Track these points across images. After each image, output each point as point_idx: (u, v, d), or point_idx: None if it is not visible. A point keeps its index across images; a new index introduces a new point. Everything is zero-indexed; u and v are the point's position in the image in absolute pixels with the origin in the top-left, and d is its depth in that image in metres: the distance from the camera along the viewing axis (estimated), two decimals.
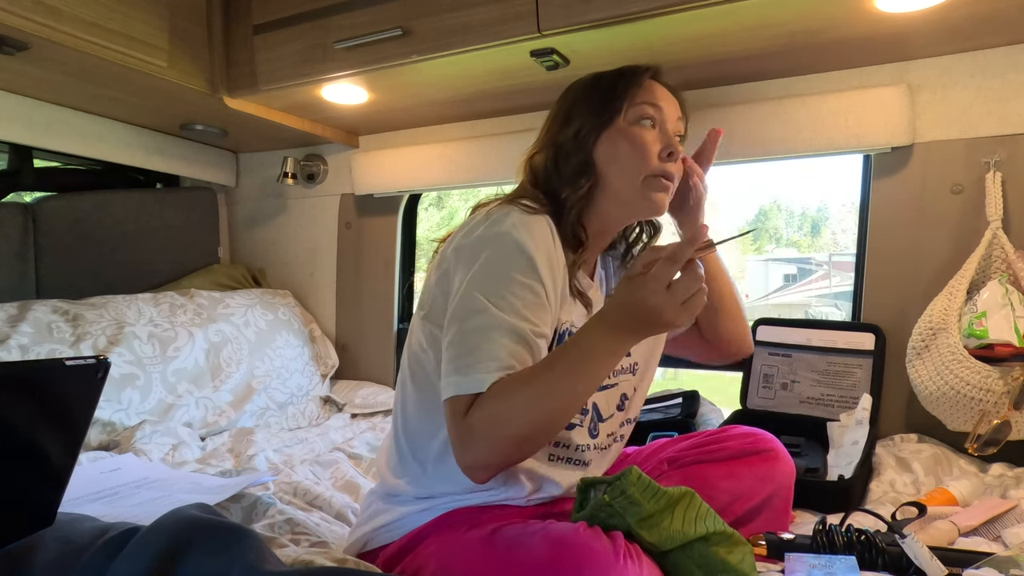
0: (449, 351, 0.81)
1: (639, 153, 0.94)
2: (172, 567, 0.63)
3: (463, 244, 0.86)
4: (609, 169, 0.95)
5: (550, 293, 0.84)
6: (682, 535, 0.71)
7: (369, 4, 1.39)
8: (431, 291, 0.90)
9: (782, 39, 1.28)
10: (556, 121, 1.00)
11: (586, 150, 0.95)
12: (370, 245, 2.04)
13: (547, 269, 0.84)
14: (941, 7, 1.13)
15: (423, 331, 0.90)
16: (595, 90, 0.98)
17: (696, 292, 0.75)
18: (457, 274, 0.85)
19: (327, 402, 1.87)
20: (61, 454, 0.71)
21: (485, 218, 0.86)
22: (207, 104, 1.66)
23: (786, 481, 1.00)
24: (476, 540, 0.77)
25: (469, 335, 0.79)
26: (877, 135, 1.36)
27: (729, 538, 0.73)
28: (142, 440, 1.39)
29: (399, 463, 0.91)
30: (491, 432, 0.75)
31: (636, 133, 0.94)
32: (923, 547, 0.79)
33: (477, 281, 0.81)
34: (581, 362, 0.77)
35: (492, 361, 0.77)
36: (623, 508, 0.70)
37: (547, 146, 0.98)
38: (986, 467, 1.20)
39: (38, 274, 1.77)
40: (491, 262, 0.82)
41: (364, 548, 0.90)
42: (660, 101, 0.96)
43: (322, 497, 1.15)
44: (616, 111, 0.95)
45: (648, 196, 0.95)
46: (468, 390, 0.77)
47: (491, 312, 0.79)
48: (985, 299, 1.19)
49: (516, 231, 0.83)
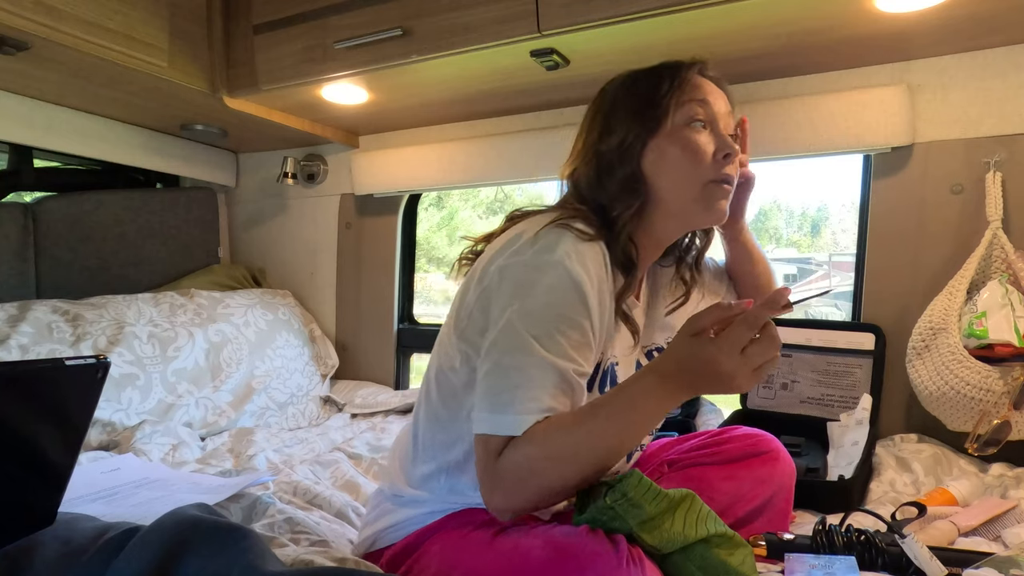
0: (486, 383, 0.76)
1: (693, 158, 0.85)
2: (172, 567, 0.63)
3: (510, 265, 0.79)
4: (661, 180, 0.86)
5: (597, 330, 0.79)
6: (683, 537, 0.71)
7: (369, 4, 1.39)
8: (469, 307, 0.83)
9: (782, 39, 1.28)
10: (595, 129, 0.90)
11: (633, 161, 0.86)
12: (370, 245, 2.04)
13: (596, 304, 0.78)
14: (941, 7, 1.13)
15: (457, 348, 0.84)
16: (635, 92, 0.89)
17: (772, 359, 0.69)
18: (500, 298, 0.78)
19: (327, 402, 1.87)
20: (61, 454, 0.71)
21: (534, 239, 0.79)
22: (207, 104, 1.66)
23: (787, 483, 1.00)
24: (480, 540, 0.77)
25: (510, 372, 0.74)
26: (877, 135, 1.36)
27: (730, 540, 0.73)
28: (142, 440, 1.39)
29: (413, 470, 0.89)
30: (523, 480, 0.72)
31: (687, 136, 0.85)
32: (923, 547, 0.79)
33: (524, 314, 0.75)
34: (628, 416, 0.72)
35: (532, 403, 0.73)
36: (624, 511, 0.70)
37: (589, 159, 0.88)
38: (986, 467, 1.20)
39: (38, 274, 1.77)
40: (540, 294, 0.75)
41: (372, 548, 0.89)
42: (709, 97, 0.87)
43: (322, 496, 1.15)
44: (662, 115, 0.85)
45: (709, 205, 0.87)
46: (503, 431, 0.73)
47: (536, 351, 0.73)
48: (985, 299, 1.19)
49: (569, 261, 0.76)
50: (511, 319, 0.75)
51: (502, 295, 0.78)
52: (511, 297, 0.77)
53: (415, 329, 2.02)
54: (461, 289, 0.88)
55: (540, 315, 0.75)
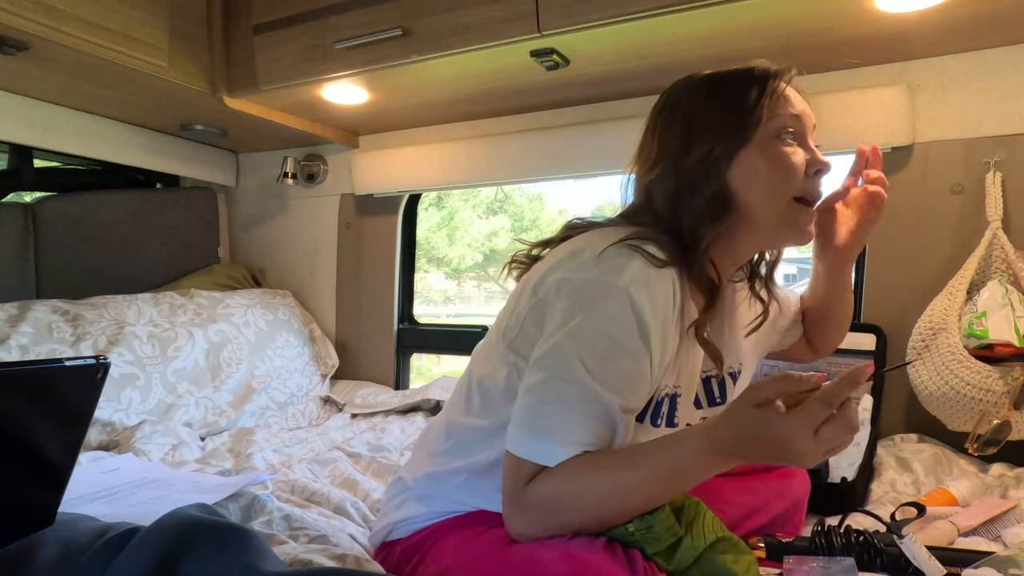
0: (528, 400, 0.73)
1: (785, 174, 0.80)
2: (172, 567, 0.63)
3: (570, 280, 0.75)
4: (749, 196, 0.80)
5: (655, 364, 0.74)
6: (693, 551, 0.71)
7: (369, 4, 1.39)
8: (520, 317, 0.79)
9: (782, 39, 1.28)
10: (672, 138, 0.83)
11: (720, 178, 0.80)
12: (370, 245, 2.04)
13: (659, 338, 0.73)
14: (941, 7, 1.13)
15: (504, 358, 0.81)
16: (721, 100, 0.82)
17: (845, 442, 0.64)
18: (556, 314, 0.74)
19: (327, 402, 1.87)
20: (61, 454, 0.71)
21: (600, 257, 0.74)
22: (207, 104, 1.66)
23: (802, 497, 0.99)
24: (495, 543, 0.76)
25: (554, 397, 0.72)
26: (877, 135, 1.36)
27: (735, 546, 0.73)
28: (142, 440, 1.39)
29: (438, 466, 0.87)
30: (546, 514, 0.71)
31: (778, 151, 0.80)
32: (921, 547, 0.79)
33: (578, 337, 0.71)
34: (670, 477, 0.69)
35: (571, 434, 0.70)
36: (644, 540, 0.70)
37: (667, 170, 0.82)
38: (986, 467, 1.20)
39: (38, 274, 1.77)
40: (599, 319, 0.71)
41: (387, 537, 0.88)
42: (799, 110, 0.83)
43: (320, 493, 1.15)
44: (753, 126, 0.80)
45: (795, 223, 0.82)
46: (536, 459, 0.71)
47: (585, 383, 0.70)
48: (985, 299, 1.19)
49: (635, 289, 0.71)
50: (563, 340, 0.72)
51: (558, 311, 0.74)
52: (567, 316, 0.73)
53: (415, 329, 2.02)
54: (513, 295, 0.85)
55: (595, 342, 0.71)
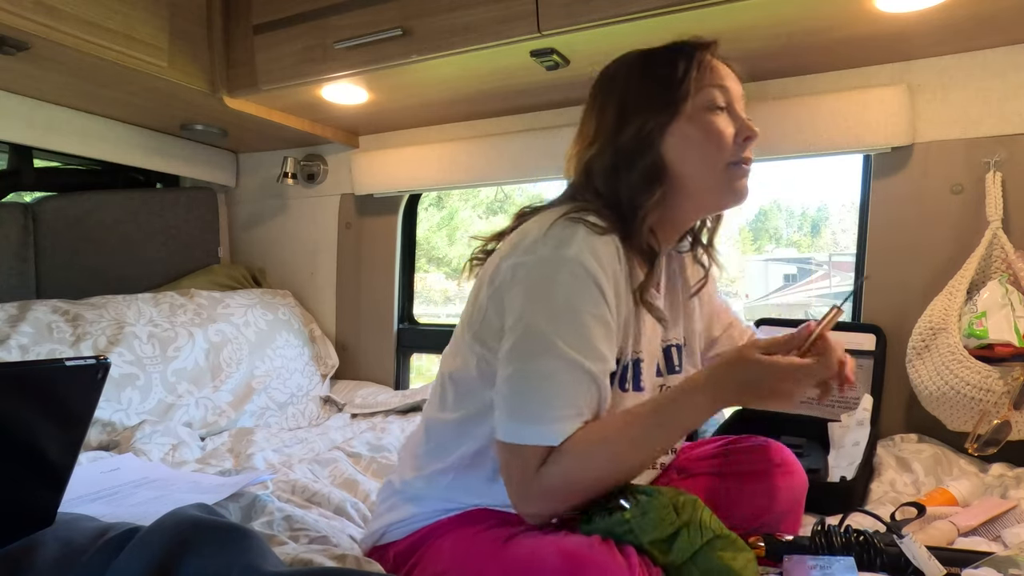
0: (513, 388, 0.75)
1: (715, 143, 0.84)
2: (172, 567, 0.63)
3: (523, 263, 0.77)
4: (683, 166, 0.85)
5: (616, 324, 0.78)
6: (690, 546, 0.71)
7: (369, 4, 1.39)
8: (482, 308, 0.81)
9: (782, 39, 1.28)
10: (608, 117, 0.87)
11: (654, 149, 0.84)
12: (370, 245, 2.04)
13: (612, 296, 0.77)
14: (941, 7, 1.13)
15: (471, 350, 0.83)
16: (651, 77, 0.86)
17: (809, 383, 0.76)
18: (516, 298, 0.77)
19: (327, 402, 1.87)
20: (61, 454, 0.71)
21: (546, 235, 0.77)
22: (207, 104, 1.66)
23: (799, 496, 0.99)
24: (490, 543, 0.76)
25: (538, 378, 0.73)
26: (877, 135, 1.36)
27: (733, 543, 0.73)
28: (142, 440, 1.39)
29: (424, 466, 0.88)
30: (565, 491, 0.73)
31: (708, 121, 0.84)
32: (921, 547, 0.79)
33: (544, 314, 0.74)
34: (674, 423, 0.75)
35: (565, 408, 0.73)
36: (640, 528, 0.70)
37: (604, 148, 0.86)
38: (986, 467, 1.20)
39: (38, 274, 1.77)
40: (559, 292, 0.74)
41: (380, 541, 0.88)
42: (726, 81, 0.87)
43: (320, 494, 1.15)
44: (682, 99, 0.84)
45: (731, 186, 0.87)
46: (540, 441, 0.73)
47: (564, 355, 0.73)
48: (985, 299, 1.19)
49: (583, 256, 0.75)
50: (532, 321, 0.74)
51: (518, 295, 0.77)
52: (528, 297, 0.76)
53: (415, 329, 2.02)
54: (473, 289, 0.87)
55: (561, 314, 0.74)
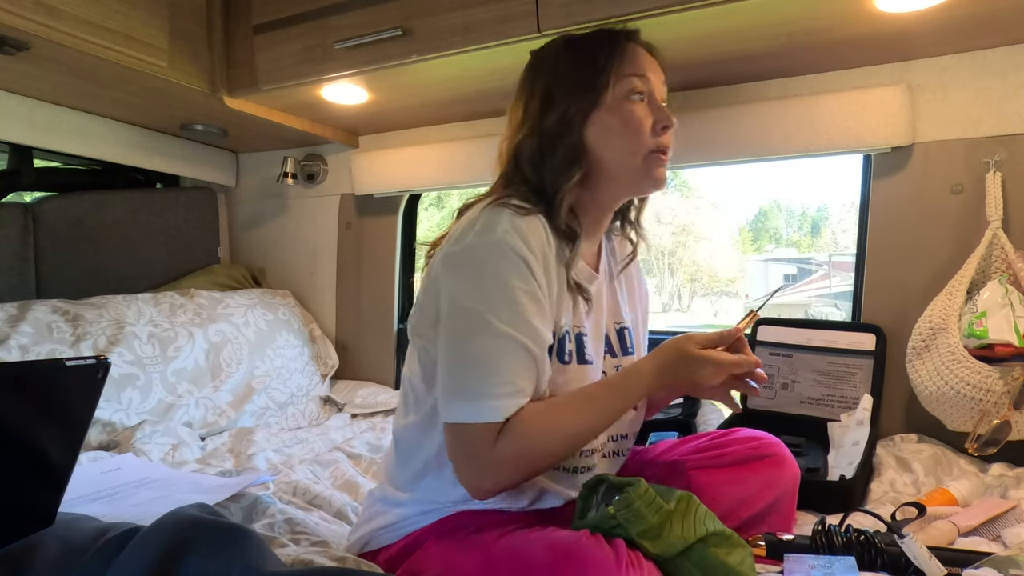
0: (453, 368, 0.78)
1: (633, 133, 0.89)
2: (172, 567, 0.63)
3: (453, 252, 0.81)
4: (602, 152, 0.89)
5: (548, 299, 0.82)
6: (683, 540, 0.71)
7: (369, 4, 1.39)
8: (419, 303, 0.86)
9: (782, 39, 1.28)
10: (534, 101, 0.92)
11: (576, 134, 0.88)
12: (370, 245, 2.04)
13: (543, 274, 0.81)
14: (941, 7, 1.13)
15: (415, 346, 0.87)
16: (575, 64, 0.91)
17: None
18: (449, 284, 0.80)
19: (327, 402, 1.87)
20: (61, 454, 0.71)
21: (473, 223, 0.81)
22: (207, 104, 1.66)
23: (791, 486, 0.99)
24: (478, 546, 0.77)
25: (477, 356, 0.76)
26: (877, 135, 1.36)
27: (728, 539, 0.73)
28: (142, 440, 1.39)
29: (399, 472, 0.90)
30: (520, 465, 0.77)
31: (627, 111, 0.89)
32: (922, 547, 0.79)
33: (476, 294, 0.78)
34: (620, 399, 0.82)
35: (506, 385, 0.76)
36: (627, 520, 0.71)
37: (530, 132, 0.90)
38: (986, 467, 1.20)
39: (38, 274, 1.77)
40: (490, 273, 0.78)
41: (365, 548, 0.90)
42: (647, 71, 0.91)
43: (322, 496, 1.15)
44: (603, 88, 0.88)
45: (650, 173, 0.91)
46: (484, 418, 0.75)
47: (496, 328, 0.76)
48: (985, 299, 1.19)
49: (509, 236, 0.78)
50: (465, 303, 0.78)
51: (450, 282, 0.80)
52: (460, 281, 0.79)
53: None
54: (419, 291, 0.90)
55: (494, 294, 0.77)
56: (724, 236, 12.79)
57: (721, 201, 12.91)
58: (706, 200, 12.76)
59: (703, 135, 1.49)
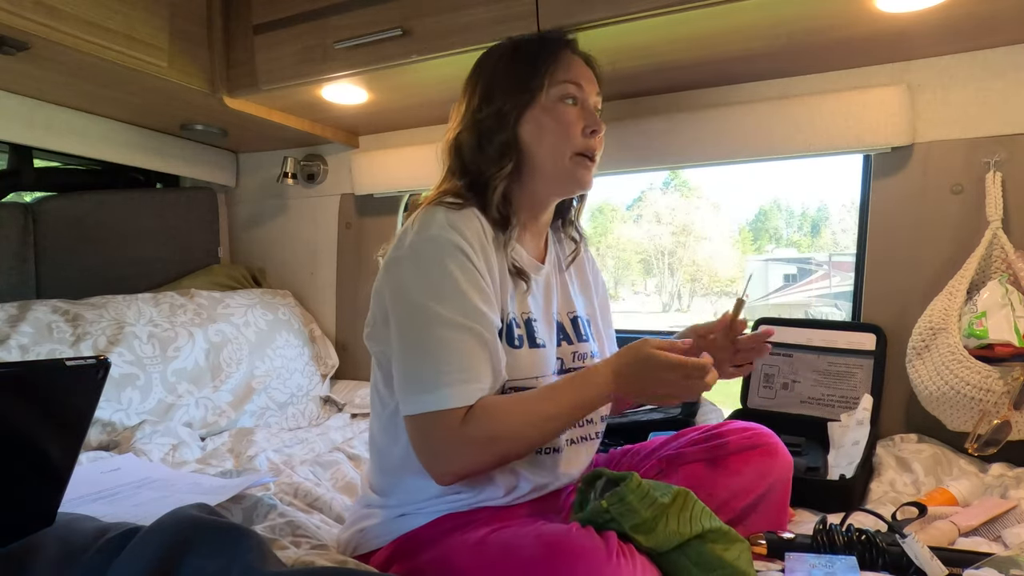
0: (405, 364, 0.81)
1: (564, 132, 0.94)
2: (172, 567, 0.63)
3: (395, 256, 0.86)
4: (535, 148, 0.94)
5: (492, 284, 0.86)
6: (678, 536, 0.71)
7: (369, 4, 1.39)
8: (372, 312, 0.91)
9: (782, 39, 1.28)
10: (475, 98, 0.98)
11: (509, 129, 0.94)
12: (370, 245, 2.04)
13: (483, 262, 0.85)
14: (941, 7, 1.13)
15: (372, 354, 0.92)
16: (514, 65, 0.97)
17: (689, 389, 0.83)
18: (393, 286, 0.85)
19: (327, 402, 1.87)
20: (61, 454, 0.71)
21: (411, 225, 0.86)
22: (207, 104, 1.66)
23: (784, 475, 1.00)
24: (470, 544, 0.77)
25: (427, 348, 0.80)
26: (877, 135, 1.36)
27: (725, 535, 0.73)
28: (142, 440, 1.39)
29: (378, 477, 0.93)
30: (489, 444, 0.80)
31: (560, 112, 0.94)
32: (923, 547, 0.79)
33: (421, 289, 0.82)
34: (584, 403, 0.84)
35: (462, 372, 0.79)
36: (620, 514, 0.72)
37: (468, 125, 0.96)
38: (986, 467, 1.20)
39: (38, 274, 1.77)
40: (430, 267, 0.82)
41: (355, 552, 0.91)
42: (581, 79, 0.97)
43: (323, 499, 1.15)
44: (538, 89, 0.94)
45: (574, 174, 0.96)
46: (443, 405, 0.78)
47: (444, 318, 0.80)
48: (985, 299, 1.19)
49: (445, 232, 0.83)
50: (412, 298, 0.82)
51: (395, 282, 0.84)
52: (405, 281, 0.83)
53: None
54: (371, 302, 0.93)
55: (438, 286, 0.81)
56: (724, 236, 12.79)
57: (721, 201, 12.92)
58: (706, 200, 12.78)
59: (704, 135, 1.49)
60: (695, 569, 0.72)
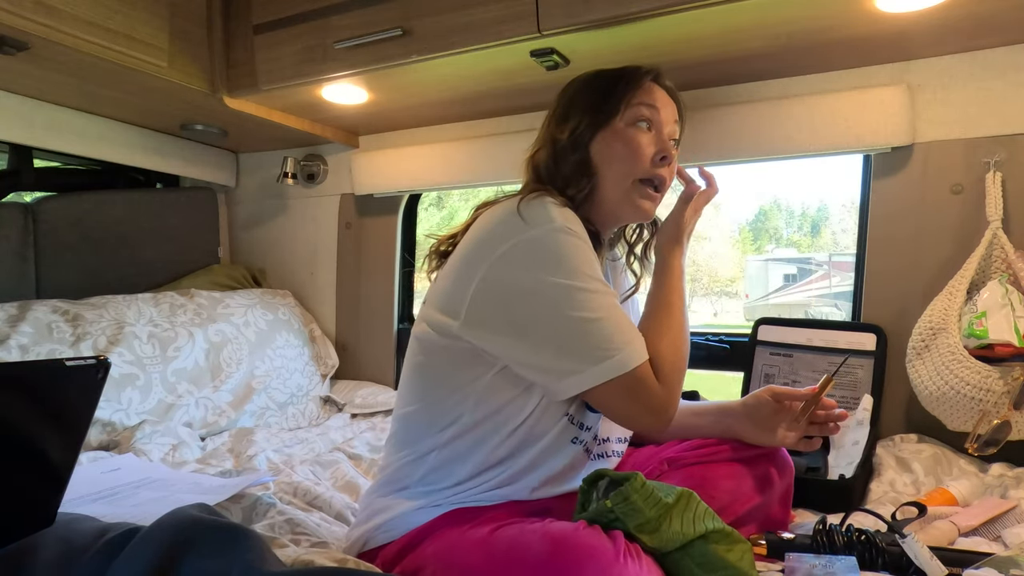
0: (571, 338, 0.81)
1: (633, 155, 0.94)
2: (172, 567, 0.63)
3: (516, 245, 0.82)
4: (604, 171, 0.95)
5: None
6: (681, 536, 0.71)
7: (369, 4, 1.39)
8: (464, 301, 0.85)
9: (782, 39, 1.28)
10: (555, 118, 1.00)
11: (583, 149, 0.95)
12: (370, 245, 2.04)
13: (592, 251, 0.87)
14: (941, 7, 1.13)
15: (431, 326, 0.88)
16: (594, 88, 0.99)
17: None
18: (523, 276, 0.82)
19: (327, 402, 1.87)
20: (61, 454, 0.71)
21: (519, 216, 0.83)
22: (207, 104, 1.66)
23: (786, 481, 1.00)
24: (476, 539, 0.77)
25: (593, 317, 0.80)
26: (877, 135, 1.36)
27: (728, 536, 0.73)
28: (142, 440, 1.39)
29: (401, 469, 0.90)
30: (677, 381, 0.86)
31: (631, 135, 0.95)
32: (923, 547, 0.79)
33: (561, 271, 0.81)
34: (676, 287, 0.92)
35: (630, 330, 0.83)
36: (624, 514, 0.71)
37: (546, 144, 0.99)
38: (986, 467, 1.20)
39: (38, 274, 1.77)
40: (565, 252, 0.82)
41: (364, 548, 0.90)
42: (657, 103, 0.97)
43: (322, 498, 1.15)
44: (613, 111, 0.95)
45: (634, 201, 0.96)
46: (637, 360, 0.81)
47: (593, 288, 0.81)
48: (985, 299, 1.19)
49: (565, 222, 0.83)
50: (555, 280, 0.81)
51: (525, 271, 0.82)
52: (540, 266, 0.81)
53: None
54: (437, 285, 0.91)
55: (578, 266, 0.82)
56: (724, 236, 12.78)
57: (721, 201, 12.91)
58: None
59: (703, 135, 1.49)
60: (698, 570, 0.72)
